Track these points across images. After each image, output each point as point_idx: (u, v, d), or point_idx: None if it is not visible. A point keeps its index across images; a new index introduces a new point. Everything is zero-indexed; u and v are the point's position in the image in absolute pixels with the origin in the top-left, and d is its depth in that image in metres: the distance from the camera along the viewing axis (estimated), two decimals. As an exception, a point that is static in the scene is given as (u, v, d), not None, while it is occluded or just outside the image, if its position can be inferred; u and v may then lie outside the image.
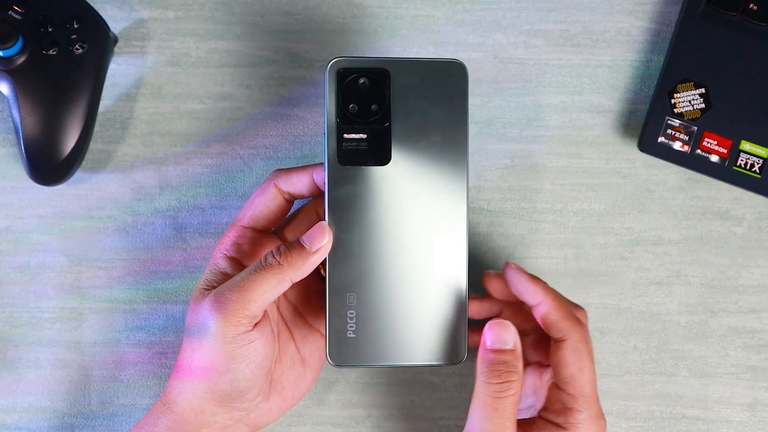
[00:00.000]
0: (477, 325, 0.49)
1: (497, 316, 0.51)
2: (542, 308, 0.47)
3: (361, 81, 0.46)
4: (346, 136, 0.46)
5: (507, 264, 0.48)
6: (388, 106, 0.46)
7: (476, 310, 0.51)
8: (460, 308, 0.47)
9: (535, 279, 0.47)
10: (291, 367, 0.50)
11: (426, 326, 0.47)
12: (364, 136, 0.46)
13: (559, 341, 0.47)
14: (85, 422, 0.55)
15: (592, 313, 0.55)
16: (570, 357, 0.46)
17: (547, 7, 0.56)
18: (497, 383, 0.45)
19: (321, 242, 0.45)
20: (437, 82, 0.46)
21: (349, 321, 0.47)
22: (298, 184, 0.48)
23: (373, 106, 0.46)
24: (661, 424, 0.55)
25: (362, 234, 0.46)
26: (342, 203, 0.46)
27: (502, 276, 0.49)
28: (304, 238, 0.45)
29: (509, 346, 0.46)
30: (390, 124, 0.46)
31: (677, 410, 0.55)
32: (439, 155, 0.46)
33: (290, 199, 0.49)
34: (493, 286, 0.50)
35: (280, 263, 0.45)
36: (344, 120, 0.46)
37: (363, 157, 0.46)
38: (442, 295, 0.47)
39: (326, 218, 0.46)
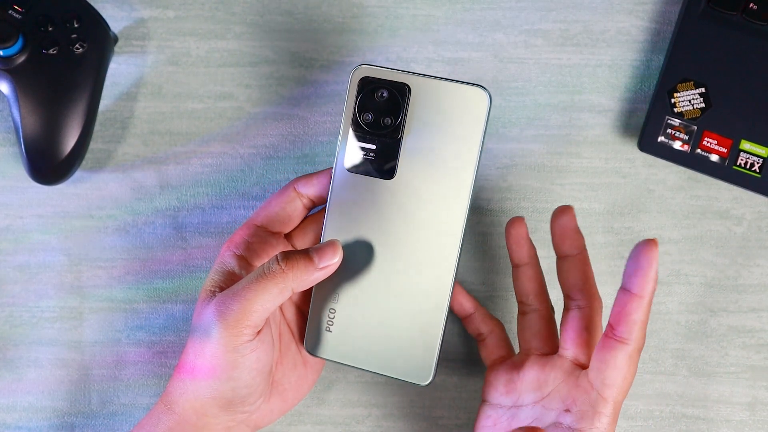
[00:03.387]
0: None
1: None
2: (635, 301, 0.43)
3: (380, 93, 0.46)
4: (356, 143, 0.47)
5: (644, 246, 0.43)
6: (402, 122, 0.46)
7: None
8: (435, 332, 0.47)
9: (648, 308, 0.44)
10: (293, 369, 0.50)
11: (399, 341, 0.47)
12: (373, 146, 0.46)
13: (620, 341, 0.43)
14: (85, 421, 0.55)
15: (592, 313, 0.55)
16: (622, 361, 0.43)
17: (547, 7, 0.56)
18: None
19: (331, 260, 0.45)
20: (457, 105, 0.45)
21: (329, 316, 0.48)
22: (318, 185, 0.48)
23: (386, 120, 0.46)
24: (661, 423, 0.55)
25: (357, 240, 0.47)
26: (343, 207, 0.47)
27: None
28: (314, 252, 0.45)
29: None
30: (401, 140, 0.46)
31: (677, 409, 0.55)
32: (444, 178, 0.46)
33: (309, 205, 0.49)
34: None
35: (283, 271, 0.44)
36: (357, 128, 0.46)
37: (369, 167, 0.47)
38: (420, 315, 0.47)
39: (326, 216, 0.47)
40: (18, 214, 0.56)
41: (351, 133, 0.47)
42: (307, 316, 0.50)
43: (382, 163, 0.46)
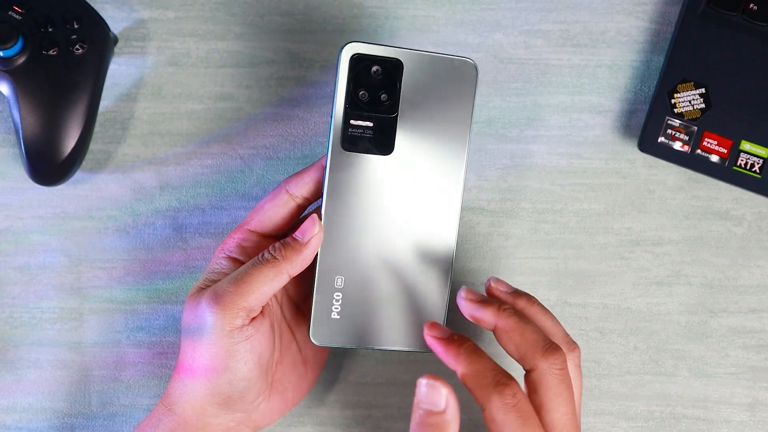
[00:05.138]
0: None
1: None
2: (459, 374, 0.44)
3: (374, 69, 0.46)
4: (352, 122, 0.46)
5: (425, 328, 0.45)
6: (398, 97, 0.46)
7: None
8: (441, 299, 0.48)
9: (449, 344, 0.44)
10: (293, 368, 0.50)
11: (406, 314, 0.48)
12: (370, 124, 0.46)
13: (481, 408, 0.43)
14: (85, 423, 0.55)
15: (592, 314, 0.55)
16: (490, 426, 0.43)
17: (547, 7, 0.56)
18: None
19: (312, 232, 0.46)
20: (447, 78, 0.47)
21: (334, 302, 0.48)
22: (310, 182, 0.48)
23: (382, 96, 0.46)
24: (662, 424, 0.55)
25: (357, 219, 0.47)
26: (340, 188, 0.47)
27: (478, 301, 0.47)
28: (297, 232, 0.46)
29: (439, 409, 0.43)
30: (397, 115, 0.47)
31: (677, 410, 0.55)
32: (441, 151, 0.47)
33: (304, 204, 0.49)
34: (467, 309, 0.47)
35: (276, 258, 0.45)
36: (353, 106, 0.46)
37: (367, 145, 0.47)
38: (425, 285, 0.48)
39: (324, 199, 0.47)
40: (18, 215, 0.56)
41: (345, 111, 0.46)
42: (310, 308, 0.49)
43: (380, 139, 0.47)
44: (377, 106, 0.46)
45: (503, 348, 0.46)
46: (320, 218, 0.47)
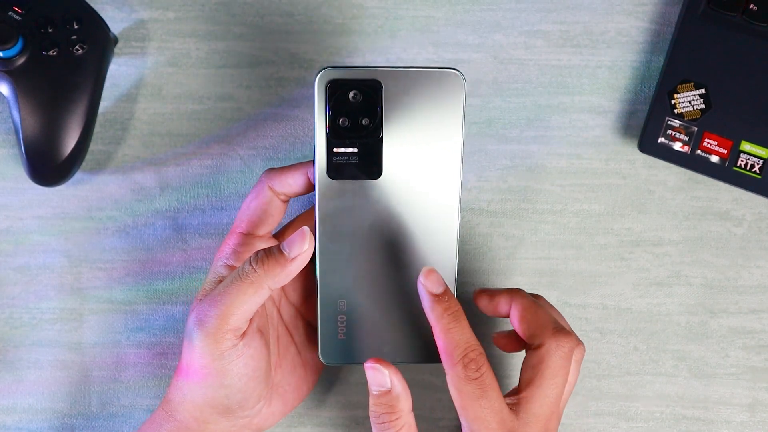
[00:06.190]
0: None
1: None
2: (434, 334, 0.45)
3: (352, 94, 0.44)
4: (336, 150, 0.45)
5: (421, 274, 0.45)
6: (380, 120, 0.45)
7: (504, 344, 0.51)
8: None
9: (437, 303, 0.45)
10: (292, 371, 0.50)
11: (411, 329, 0.47)
12: (354, 150, 0.45)
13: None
14: (85, 423, 0.55)
15: (592, 314, 0.55)
16: (450, 390, 0.45)
17: (547, 8, 0.56)
18: (378, 424, 0.45)
19: (301, 249, 0.44)
20: (432, 91, 0.45)
21: (339, 325, 0.47)
22: (294, 184, 0.47)
23: (364, 120, 0.45)
24: (662, 424, 0.55)
25: (353, 244, 0.46)
26: (333, 215, 0.46)
27: (490, 293, 0.49)
28: (284, 244, 0.44)
29: (385, 388, 0.45)
30: (382, 138, 0.45)
31: (677, 411, 0.55)
32: (433, 168, 0.46)
33: (286, 200, 0.48)
34: (483, 303, 0.49)
35: (255, 271, 0.43)
36: (334, 134, 0.45)
37: (354, 171, 0.45)
38: None
39: (317, 229, 0.46)
40: (18, 216, 0.56)
41: (327, 140, 0.45)
42: (312, 323, 0.49)
43: (367, 164, 0.45)
44: (360, 131, 0.45)
45: (514, 327, 0.47)
46: (313, 233, 0.45)
